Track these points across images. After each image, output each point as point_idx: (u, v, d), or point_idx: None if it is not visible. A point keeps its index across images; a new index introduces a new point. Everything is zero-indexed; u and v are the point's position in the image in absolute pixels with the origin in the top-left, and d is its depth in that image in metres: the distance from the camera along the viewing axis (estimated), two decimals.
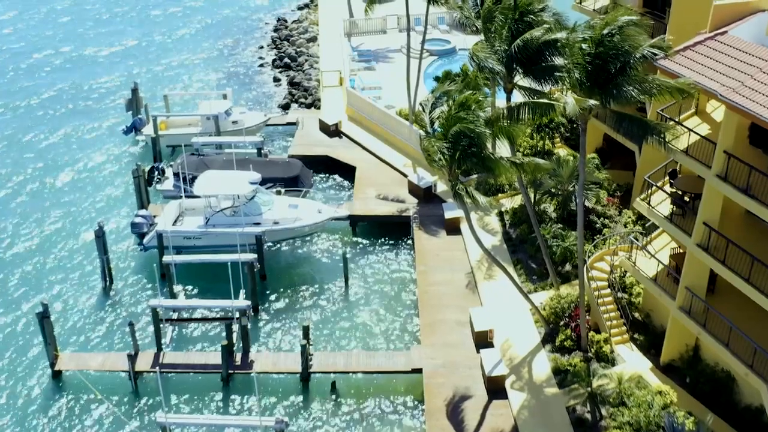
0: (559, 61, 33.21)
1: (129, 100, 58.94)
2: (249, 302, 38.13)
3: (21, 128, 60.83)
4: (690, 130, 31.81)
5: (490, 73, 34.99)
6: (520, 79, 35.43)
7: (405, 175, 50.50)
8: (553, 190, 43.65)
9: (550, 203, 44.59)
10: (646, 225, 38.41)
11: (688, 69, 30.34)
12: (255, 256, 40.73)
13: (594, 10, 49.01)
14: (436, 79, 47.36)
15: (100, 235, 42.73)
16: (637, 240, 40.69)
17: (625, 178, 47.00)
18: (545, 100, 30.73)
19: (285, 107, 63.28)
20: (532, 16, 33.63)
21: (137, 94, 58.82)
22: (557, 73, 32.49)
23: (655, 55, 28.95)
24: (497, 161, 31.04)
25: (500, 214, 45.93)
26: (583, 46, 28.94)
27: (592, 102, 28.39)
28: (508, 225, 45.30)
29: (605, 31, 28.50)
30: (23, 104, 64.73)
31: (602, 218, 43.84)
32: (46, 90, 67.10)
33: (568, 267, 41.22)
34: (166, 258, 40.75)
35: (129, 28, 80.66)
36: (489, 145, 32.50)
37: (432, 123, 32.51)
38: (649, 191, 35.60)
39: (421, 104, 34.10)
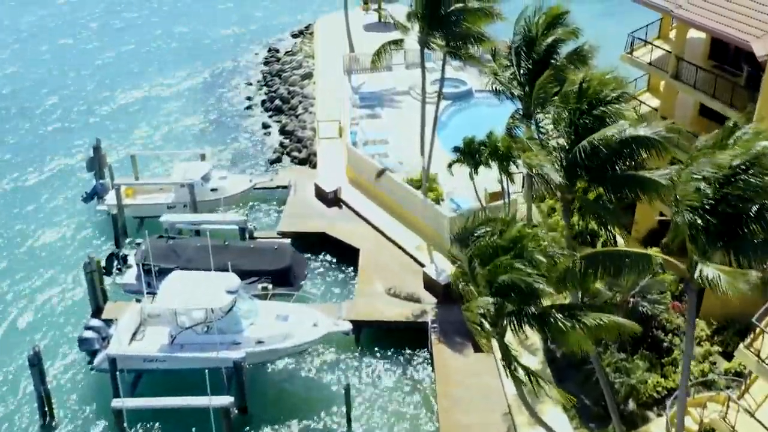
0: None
1: (91, 159, 49.74)
2: None
3: None
4: None
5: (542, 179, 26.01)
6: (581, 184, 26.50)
7: (421, 265, 41.36)
8: (608, 300, 34.64)
9: None
10: (743, 370, 29.51)
11: None
12: (231, 399, 31.60)
13: (649, 63, 40.02)
14: (456, 150, 38.33)
15: (36, 363, 33.64)
16: (716, 363, 32.12)
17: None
18: (655, 255, 21.51)
19: (275, 162, 54.22)
20: (603, 109, 24.45)
21: (100, 152, 49.61)
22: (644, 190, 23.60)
23: None
24: (565, 331, 22.06)
25: None
26: (700, 182, 19.73)
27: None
28: (551, 339, 36.18)
29: (735, 163, 19.41)
30: None
31: (669, 334, 34.86)
32: None
33: (631, 405, 32.30)
34: (116, 403, 31.59)
35: (92, 62, 70.80)
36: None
37: (471, 262, 23.33)
38: (754, 334, 26.59)
39: (452, 237, 25.00)
